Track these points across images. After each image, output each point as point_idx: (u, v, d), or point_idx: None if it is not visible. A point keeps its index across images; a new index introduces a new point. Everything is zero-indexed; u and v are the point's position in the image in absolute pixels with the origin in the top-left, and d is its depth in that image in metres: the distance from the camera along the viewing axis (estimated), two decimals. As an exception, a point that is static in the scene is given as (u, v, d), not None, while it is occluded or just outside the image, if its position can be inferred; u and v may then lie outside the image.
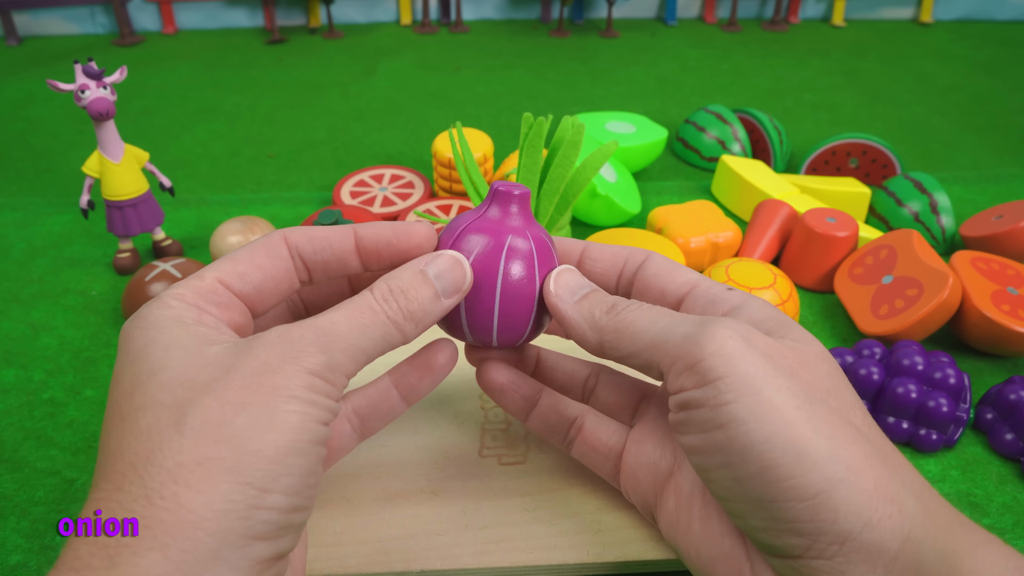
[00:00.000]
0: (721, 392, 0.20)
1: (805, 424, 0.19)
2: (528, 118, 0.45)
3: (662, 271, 0.26)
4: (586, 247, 0.28)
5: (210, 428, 0.18)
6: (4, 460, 0.38)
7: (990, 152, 0.74)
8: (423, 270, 0.23)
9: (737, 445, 0.19)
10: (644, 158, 0.67)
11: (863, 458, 0.19)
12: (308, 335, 0.20)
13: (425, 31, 1.12)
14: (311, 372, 0.20)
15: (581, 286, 0.25)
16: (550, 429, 0.29)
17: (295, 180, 0.68)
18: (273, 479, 0.18)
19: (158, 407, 0.19)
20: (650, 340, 0.22)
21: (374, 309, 0.22)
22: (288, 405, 0.19)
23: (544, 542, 0.29)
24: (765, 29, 1.13)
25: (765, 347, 0.21)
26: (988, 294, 0.43)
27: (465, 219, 0.26)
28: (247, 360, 0.20)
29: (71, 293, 0.52)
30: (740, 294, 0.24)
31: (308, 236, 0.24)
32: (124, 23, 1.06)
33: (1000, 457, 0.38)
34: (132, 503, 0.18)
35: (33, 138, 0.77)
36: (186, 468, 0.18)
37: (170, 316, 0.21)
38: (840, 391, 0.21)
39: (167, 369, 0.20)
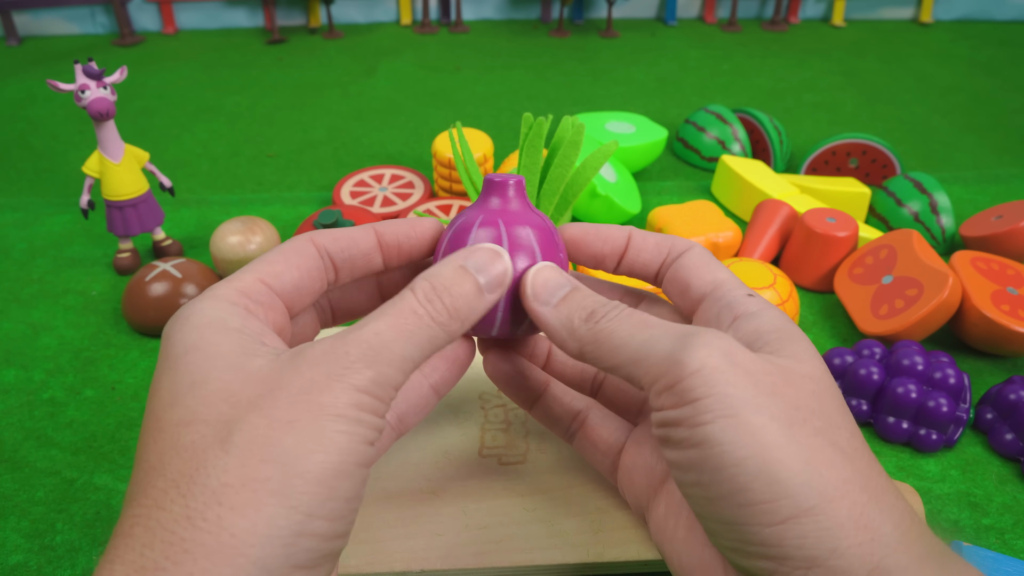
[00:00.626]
0: (699, 412, 0.19)
1: (781, 448, 0.19)
2: (528, 118, 0.45)
3: (695, 265, 0.25)
4: (631, 235, 0.27)
5: (256, 447, 0.18)
6: (4, 460, 0.38)
7: (990, 152, 0.74)
8: (463, 265, 0.23)
9: (711, 465, 0.19)
10: (644, 158, 0.67)
11: (840, 483, 0.19)
12: (354, 351, 0.20)
13: (425, 31, 1.12)
14: (358, 389, 0.19)
15: (560, 285, 0.24)
16: (553, 421, 0.29)
17: (295, 180, 0.68)
18: (319, 503, 0.18)
19: (201, 423, 0.19)
20: (630, 355, 0.21)
21: (417, 313, 0.21)
22: (336, 425, 0.18)
23: (544, 542, 0.29)
24: (765, 29, 1.13)
25: (748, 365, 0.20)
26: (988, 294, 0.43)
27: (463, 214, 0.26)
28: (292, 377, 0.19)
29: (71, 293, 0.52)
30: (758, 302, 0.24)
31: (333, 236, 0.25)
32: (124, 23, 1.06)
33: (1000, 457, 0.38)
34: (173, 523, 0.17)
35: (33, 138, 0.77)
36: (231, 489, 0.17)
37: (214, 320, 0.21)
38: (827, 410, 0.21)
39: (209, 381, 0.19)
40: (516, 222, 0.25)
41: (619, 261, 0.27)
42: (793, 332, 0.22)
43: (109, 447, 0.39)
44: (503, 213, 0.25)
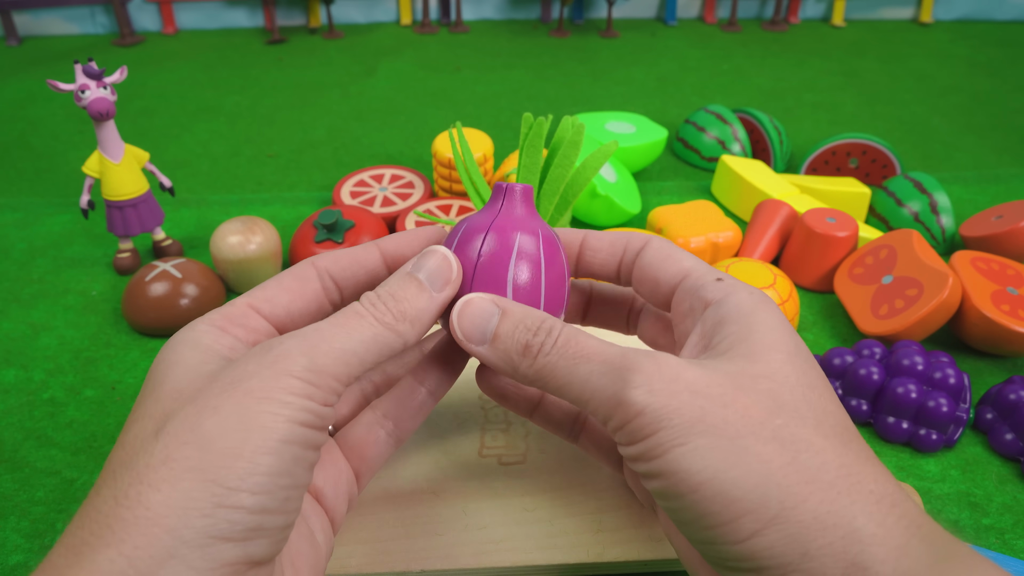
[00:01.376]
0: (652, 448, 0.20)
1: (733, 466, 0.19)
2: (528, 118, 0.45)
3: (657, 258, 0.25)
4: (585, 237, 0.27)
5: (181, 431, 0.19)
6: (4, 460, 0.38)
7: (990, 152, 0.74)
8: (408, 272, 0.23)
9: (673, 493, 0.20)
10: (644, 158, 0.67)
11: (802, 485, 0.19)
12: (289, 341, 0.21)
13: (425, 31, 1.12)
14: (291, 375, 0.20)
15: (488, 316, 0.23)
16: (555, 425, 0.29)
17: (295, 180, 0.68)
18: (239, 477, 0.18)
19: (146, 419, 0.20)
20: (576, 394, 0.22)
21: (360, 313, 0.22)
22: (260, 406, 0.19)
23: (544, 542, 0.29)
24: (765, 29, 1.13)
25: (692, 384, 0.20)
26: (988, 294, 0.43)
27: (468, 220, 0.26)
28: (229, 370, 0.20)
29: (71, 293, 0.52)
30: (725, 286, 0.23)
31: (334, 257, 0.25)
32: (124, 23, 1.06)
33: (1000, 457, 0.38)
34: (101, 503, 0.18)
35: (33, 138, 0.77)
36: (151, 469, 0.18)
37: (189, 338, 0.22)
38: (787, 405, 0.20)
39: (164, 384, 0.21)
40: (506, 228, 0.25)
41: (576, 266, 0.27)
42: (755, 320, 0.22)
43: (109, 447, 0.39)
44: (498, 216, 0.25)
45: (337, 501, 0.25)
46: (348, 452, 0.26)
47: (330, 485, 0.25)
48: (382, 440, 0.26)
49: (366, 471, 0.26)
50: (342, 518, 0.25)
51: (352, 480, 0.26)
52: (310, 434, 0.20)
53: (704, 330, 0.23)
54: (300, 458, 0.20)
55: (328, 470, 0.25)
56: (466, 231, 0.25)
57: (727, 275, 0.24)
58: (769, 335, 0.22)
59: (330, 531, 0.24)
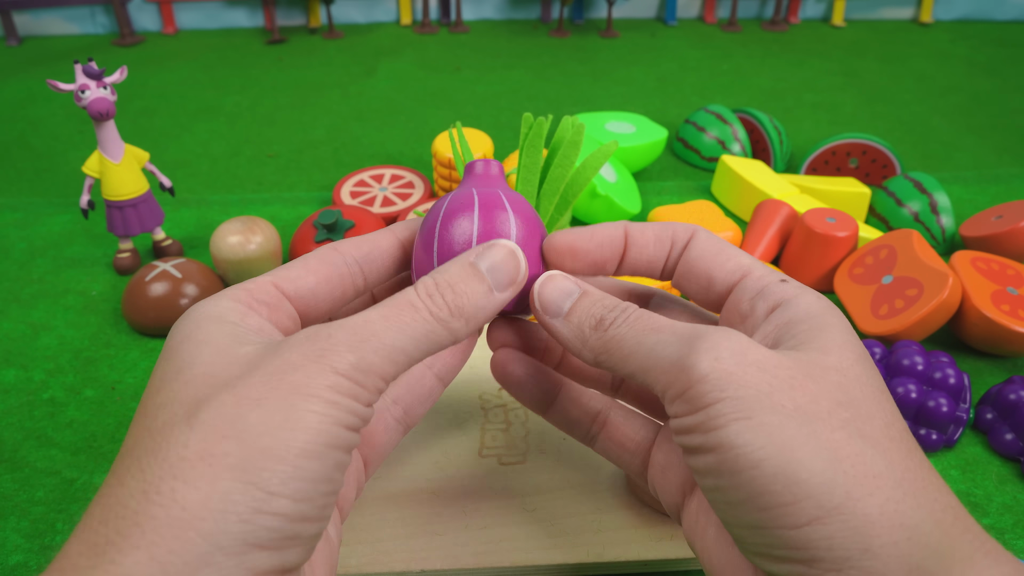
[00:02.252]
0: (712, 417, 0.19)
1: (800, 446, 0.18)
2: (528, 118, 0.45)
3: (708, 253, 0.24)
4: (628, 232, 0.25)
5: (220, 423, 0.17)
6: (4, 460, 0.38)
7: (990, 152, 0.74)
8: (473, 262, 0.22)
9: (728, 469, 0.18)
10: (644, 158, 0.67)
11: (869, 478, 0.18)
12: (337, 333, 0.19)
13: (425, 31, 1.12)
14: (337, 372, 0.19)
15: (568, 293, 0.23)
16: (571, 424, 0.28)
17: (295, 180, 0.68)
18: (281, 482, 0.17)
19: (176, 404, 0.18)
20: (640, 363, 0.21)
21: (415, 305, 0.21)
22: (307, 404, 0.18)
23: (544, 542, 0.29)
24: (765, 29, 1.13)
25: (761, 362, 0.19)
26: (988, 294, 0.43)
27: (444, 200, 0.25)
28: (271, 358, 0.19)
29: (71, 293, 0.52)
30: (792, 287, 0.22)
31: (356, 243, 0.25)
32: (124, 23, 1.06)
33: (1000, 457, 0.38)
34: (128, 498, 0.17)
35: (33, 138, 0.77)
36: (187, 463, 0.17)
37: (213, 313, 0.21)
38: (855, 400, 0.19)
39: (194, 366, 0.19)
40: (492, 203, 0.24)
41: (620, 263, 0.26)
42: (825, 320, 0.21)
43: (109, 447, 0.39)
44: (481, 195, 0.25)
45: (347, 490, 0.24)
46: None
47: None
48: (391, 427, 0.26)
49: (375, 458, 0.25)
50: (350, 507, 0.24)
51: (361, 468, 0.25)
52: (350, 437, 0.19)
53: (767, 331, 0.22)
54: (340, 462, 0.19)
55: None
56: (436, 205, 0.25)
57: (789, 277, 0.23)
58: (839, 335, 0.21)
59: (339, 521, 0.24)
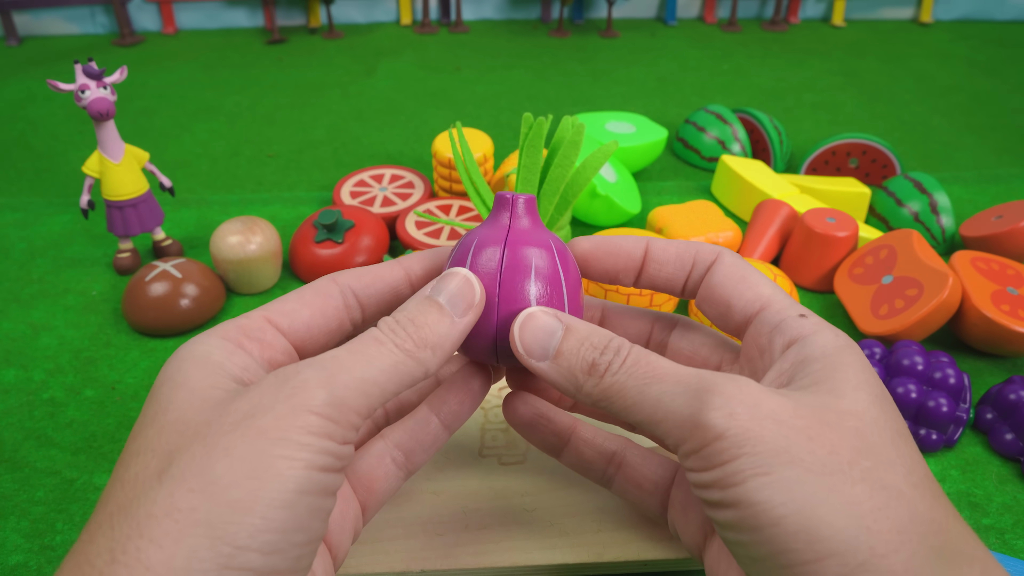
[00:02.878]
0: (729, 475, 0.18)
1: (822, 504, 0.17)
2: (528, 118, 0.45)
3: (730, 280, 0.23)
4: (649, 246, 0.25)
5: (189, 476, 0.17)
6: (4, 460, 0.38)
7: (990, 152, 0.74)
8: (428, 295, 0.22)
9: (748, 526, 0.18)
10: (644, 158, 0.67)
11: (894, 534, 0.17)
12: (307, 371, 0.19)
13: (425, 31, 1.12)
14: (310, 411, 0.18)
15: (551, 331, 0.22)
16: (586, 466, 0.27)
17: (295, 180, 0.68)
18: (249, 535, 0.16)
19: (148, 453, 0.18)
20: (646, 415, 0.20)
21: (378, 339, 0.20)
22: (276, 449, 0.17)
23: (544, 542, 0.29)
24: (765, 29, 1.13)
25: (776, 413, 0.19)
26: (988, 294, 0.44)
27: (473, 235, 0.24)
28: (241, 402, 0.18)
29: (71, 293, 0.52)
30: (810, 324, 0.22)
31: (357, 274, 0.24)
32: (124, 23, 1.06)
33: (1000, 457, 0.38)
34: (96, 557, 0.16)
35: (33, 138, 0.77)
36: (154, 520, 0.16)
37: (198, 354, 0.20)
38: (875, 447, 0.19)
39: (168, 412, 0.19)
40: (521, 243, 0.24)
41: (637, 275, 0.25)
42: (841, 359, 0.21)
43: (109, 447, 0.39)
44: (509, 233, 0.24)
45: (342, 537, 0.23)
46: (355, 484, 0.24)
47: (336, 520, 0.23)
48: (392, 473, 0.25)
49: (373, 504, 0.24)
50: (345, 554, 0.24)
51: (359, 514, 0.24)
52: (328, 479, 0.18)
53: (783, 368, 0.21)
54: (316, 509, 0.18)
55: (335, 505, 0.23)
56: (477, 246, 0.24)
57: (809, 311, 0.23)
58: (855, 375, 0.20)
59: (331, 569, 0.23)
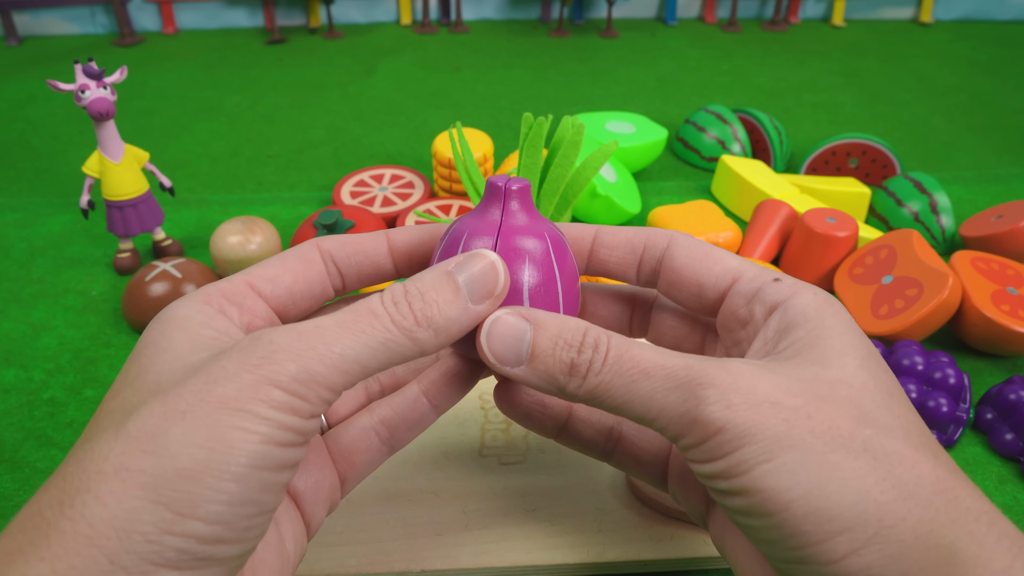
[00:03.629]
0: (734, 466, 0.18)
1: (827, 482, 0.18)
2: (528, 118, 0.45)
3: (694, 259, 0.23)
4: (597, 233, 0.25)
5: (143, 435, 0.17)
6: (4, 460, 0.38)
7: (990, 152, 0.74)
8: (450, 271, 0.20)
9: (758, 512, 0.18)
10: (644, 158, 0.67)
11: (900, 501, 0.18)
12: (281, 339, 0.18)
13: (425, 31, 1.12)
14: (274, 384, 0.17)
15: (522, 333, 0.21)
16: (584, 444, 0.26)
17: (295, 180, 0.68)
18: (193, 504, 0.16)
19: (117, 412, 0.18)
20: (640, 412, 0.20)
21: (375, 313, 0.19)
22: (233, 420, 0.17)
23: (544, 542, 0.29)
24: (765, 29, 1.13)
25: (771, 395, 0.19)
26: (988, 294, 0.44)
27: (467, 223, 0.23)
28: (210, 365, 0.18)
29: (71, 293, 0.52)
30: (788, 285, 0.21)
31: (340, 241, 0.24)
32: (124, 23, 1.06)
33: (1000, 457, 0.38)
34: (47, 507, 0.17)
35: (33, 138, 0.77)
36: (103, 476, 0.16)
37: (179, 316, 0.20)
38: (871, 413, 0.19)
39: (147, 374, 0.19)
40: (516, 232, 0.23)
41: (587, 261, 0.25)
42: (823, 323, 0.20)
43: (109, 447, 0.39)
44: (503, 221, 0.23)
45: (316, 507, 0.23)
46: (336, 455, 0.24)
47: (311, 489, 0.23)
48: (375, 447, 0.24)
49: (353, 477, 0.24)
50: (319, 524, 0.23)
51: (336, 485, 0.24)
52: (286, 454, 0.18)
53: (768, 336, 0.21)
54: (270, 483, 0.17)
55: (312, 473, 0.23)
56: (469, 235, 0.22)
57: (783, 274, 0.22)
58: (840, 339, 0.20)
59: (303, 537, 0.23)
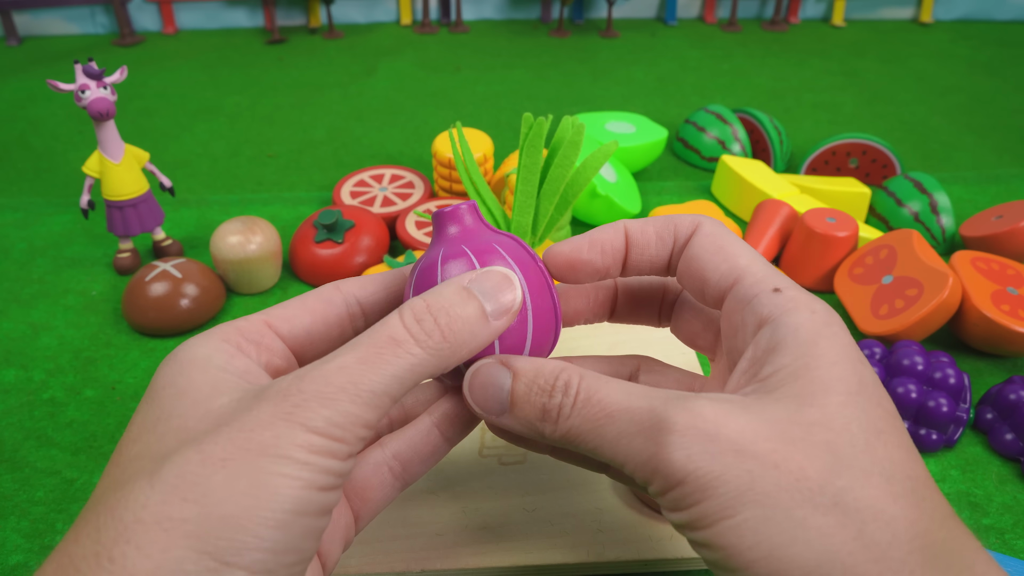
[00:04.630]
0: (696, 519, 0.18)
1: (791, 544, 0.17)
2: (528, 118, 0.45)
3: (706, 252, 0.22)
4: (627, 232, 0.24)
5: (182, 484, 0.17)
6: (4, 460, 0.38)
7: (990, 152, 0.74)
8: (466, 287, 0.20)
9: (725, 567, 0.18)
10: (644, 158, 0.67)
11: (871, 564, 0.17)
12: (309, 387, 0.18)
13: (425, 31, 1.12)
14: (309, 429, 0.17)
15: (501, 384, 0.21)
16: (580, 460, 0.26)
17: (295, 180, 0.68)
18: (237, 552, 0.16)
19: (145, 458, 0.18)
20: (609, 456, 0.20)
21: (398, 340, 0.19)
22: (275, 467, 0.17)
23: (544, 542, 0.29)
24: (765, 29, 1.13)
25: (736, 442, 0.18)
26: (988, 294, 0.44)
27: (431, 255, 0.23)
28: (242, 414, 0.18)
29: (71, 293, 0.52)
30: (785, 299, 0.20)
31: (361, 283, 0.24)
32: (124, 23, 1.06)
33: (1000, 457, 0.38)
34: (81, 560, 0.16)
35: (33, 138, 0.77)
36: (143, 526, 0.16)
37: (198, 357, 0.20)
38: (848, 460, 0.18)
39: (171, 418, 0.18)
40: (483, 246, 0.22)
41: (623, 267, 0.24)
42: (813, 350, 0.19)
43: (109, 447, 0.39)
44: (466, 240, 0.23)
45: (333, 546, 0.23)
46: (350, 492, 0.24)
47: (328, 529, 0.22)
48: (388, 483, 0.24)
49: (366, 514, 0.24)
50: (335, 564, 0.23)
51: (351, 523, 0.24)
52: (326, 498, 0.18)
53: (755, 355, 0.20)
54: (311, 529, 0.18)
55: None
56: (420, 271, 0.22)
57: (788, 282, 0.21)
58: (829, 370, 0.19)
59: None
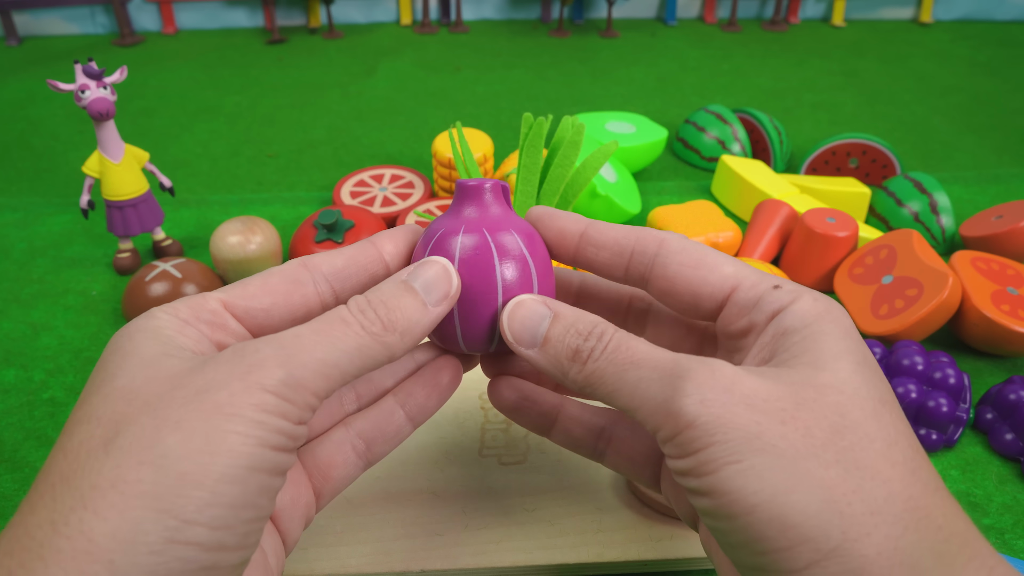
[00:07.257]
0: (702, 463, 0.18)
1: (793, 489, 0.17)
2: (528, 118, 0.45)
3: (687, 266, 0.22)
4: (587, 228, 0.24)
5: (137, 447, 0.16)
6: (4, 460, 0.38)
7: (990, 152, 0.74)
8: (404, 279, 0.22)
9: (724, 514, 0.18)
10: (644, 158, 0.67)
11: (867, 515, 0.17)
12: (265, 348, 0.18)
13: (425, 31, 1.12)
14: (265, 389, 0.18)
15: (541, 318, 0.22)
16: (575, 443, 0.26)
17: (295, 180, 0.68)
18: (197, 509, 0.16)
19: (94, 421, 0.18)
20: (625, 401, 0.20)
21: (346, 320, 0.20)
22: (228, 424, 0.17)
23: (544, 542, 0.29)
24: (765, 29, 1.13)
25: (750, 397, 0.18)
26: (988, 294, 0.44)
27: (440, 223, 0.24)
28: (196, 376, 0.18)
29: (71, 293, 0.52)
30: (787, 292, 0.21)
31: (327, 256, 0.24)
32: (124, 23, 1.06)
33: (1000, 457, 0.38)
34: (36, 528, 0.16)
35: (33, 138, 0.77)
36: (99, 491, 0.16)
37: (148, 326, 0.20)
38: (854, 423, 0.18)
39: (116, 379, 0.18)
40: (501, 228, 0.23)
41: (573, 255, 0.25)
42: (820, 327, 0.20)
43: (109, 447, 0.39)
44: (485, 220, 0.24)
45: (293, 523, 0.23)
46: (312, 469, 0.24)
47: (288, 505, 0.23)
48: (351, 461, 0.24)
49: (328, 491, 0.24)
50: (295, 540, 0.23)
51: (312, 501, 0.24)
52: (280, 458, 0.18)
53: (764, 342, 0.21)
54: (266, 487, 0.18)
55: (288, 489, 0.23)
56: (440, 236, 0.23)
57: (783, 279, 0.22)
58: (836, 343, 0.20)
59: (283, 553, 0.23)
